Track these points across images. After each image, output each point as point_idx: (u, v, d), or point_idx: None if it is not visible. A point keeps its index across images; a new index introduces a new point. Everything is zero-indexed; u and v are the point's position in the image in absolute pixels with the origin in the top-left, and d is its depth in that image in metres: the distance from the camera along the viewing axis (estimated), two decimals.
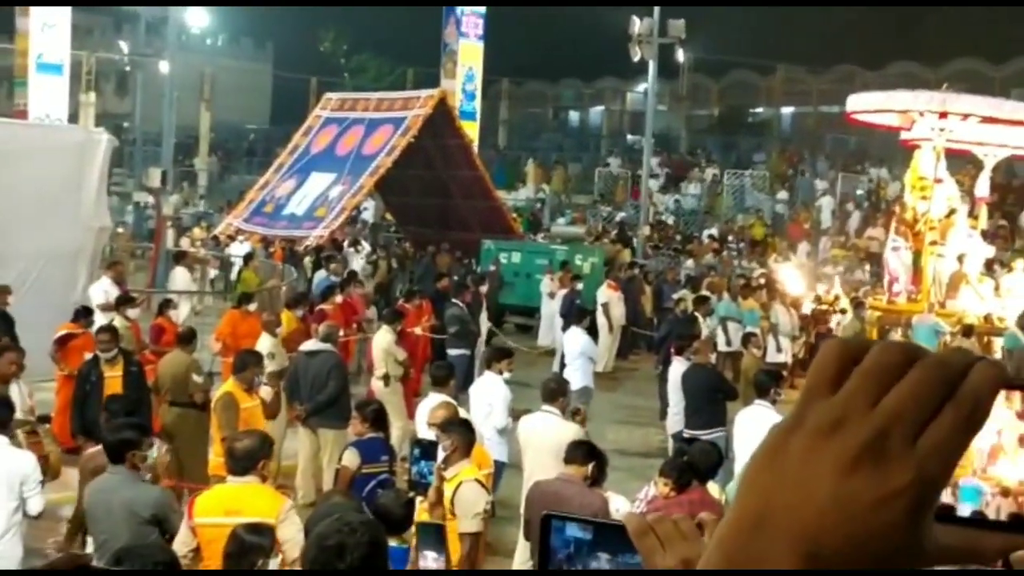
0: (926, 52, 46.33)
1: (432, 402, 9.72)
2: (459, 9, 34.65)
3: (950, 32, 48.10)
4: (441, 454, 7.05)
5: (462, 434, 7.33)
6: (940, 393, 0.81)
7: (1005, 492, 18.15)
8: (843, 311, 21.25)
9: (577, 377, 14.86)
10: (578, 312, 17.02)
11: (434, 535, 5.30)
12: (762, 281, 23.92)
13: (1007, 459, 20.26)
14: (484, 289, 20.69)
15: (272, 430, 10.64)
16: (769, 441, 0.83)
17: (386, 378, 14.04)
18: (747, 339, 17.22)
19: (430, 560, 5.32)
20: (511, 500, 10.10)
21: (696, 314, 18.83)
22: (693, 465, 7.67)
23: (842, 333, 20.14)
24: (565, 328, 17.62)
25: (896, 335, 20.87)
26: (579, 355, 15.45)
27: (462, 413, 9.07)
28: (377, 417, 8.88)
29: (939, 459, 0.80)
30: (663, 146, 49.05)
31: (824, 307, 21.77)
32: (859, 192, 38.91)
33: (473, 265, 25.73)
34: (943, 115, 19.37)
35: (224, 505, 6.59)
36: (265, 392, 10.66)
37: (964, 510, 9.69)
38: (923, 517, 0.80)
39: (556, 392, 9.94)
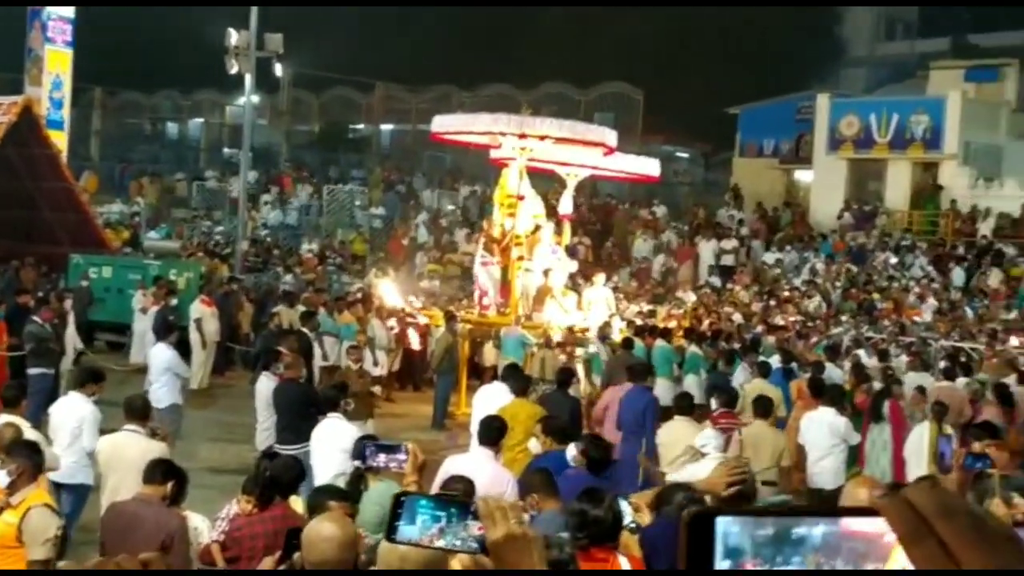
0: (519, 75, 48.29)
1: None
2: (44, 13, 33.01)
3: (541, 57, 50.36)
4: (4, 479, 6.73)
5: (29, 457, 7.01)
6: None
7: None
8: (437, 324, 21.77)
9: (164, 394, 14.49)
10: (163, 327, 16.53)
11: None
12: (359, 296, 24.19)
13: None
14: (69, 305, 19.82)
15: None
16: None
17: None
18: (350, 352, 17.35)
19: None
20: (95, 524, 9.73)
21: (304, 329, 18.74)
22: (276, 480, 7.64)
23: (435, 346, 20.69)
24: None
25: (488, 346, 21.65)
26: (165, 371, 15.06)
27: (33, 435, 8.67)
28: None
29: None
30: (264, 160, 48.67)
31: (414, 321, 22.20)
32: (450, 207, 40.02)
33: (60, 280, 24.58)
34: (523, 136, 20.27)
35: None
36: None
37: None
38: None
39: (140, 410, 9.69)
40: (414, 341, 21.55)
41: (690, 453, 11.75)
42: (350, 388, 11.76)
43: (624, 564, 5.28)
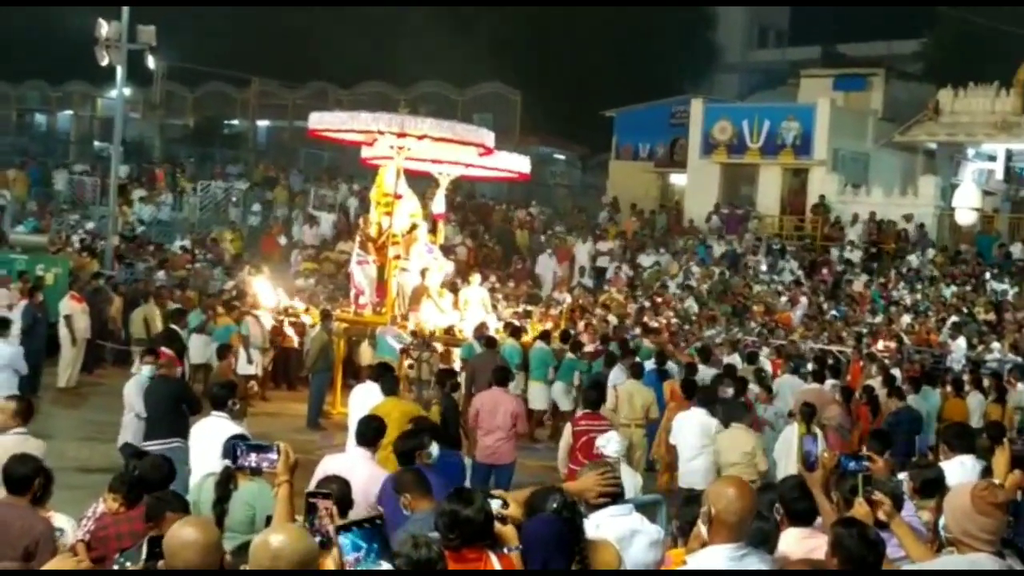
0: (397, 74, 48.11)
1: None
2: None
3: (419, 57, 50.24)
4: None
5: None
6: None
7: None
8: (312, 325, 21.58)
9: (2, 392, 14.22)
10: (1, 323, 16.11)
11: None
12: (235, 294, 23.90)
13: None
14: None
15: None
16: None
17: None
18: (224, 351, 17.11)
19: None
20: None
21: (175, 327, 18.38)
22: (144, 479, 7.52)
23: (311, 345, 20.51)
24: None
25: (364, 346, 21.51)
26: (5, 368, 14.77)
27: None
28: None
29: None
30: (136, 155, 47.77)
31: (290, 319, 21.97)
32: (329, 205, 39.70)
33: None
34: (401, 135, 20.23)
35: None
36: None
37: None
38: None
39: (24, 412, 9.43)
40: (294, 339, 21.23)
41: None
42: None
43: (495, 564, 5.30)
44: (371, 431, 9.36)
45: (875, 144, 38.71)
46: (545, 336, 20.84)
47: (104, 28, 28.13)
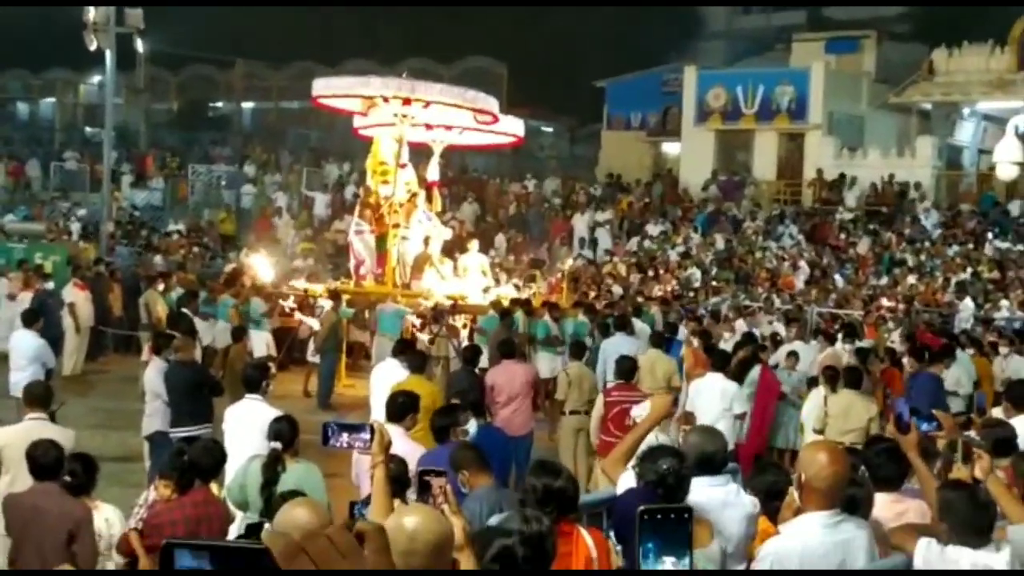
0: (381, 51, 47.79)
1: None
2: None
3: (404, 34, 49.95)
4: None
5: None
6: None
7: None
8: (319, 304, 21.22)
9: None
10: (31, 314, 15.72)
11: None
12: (231, 274, 23.62)
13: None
14: None
15: None
16: None
17: None
18: (237, 334, 16.85)
19: None
20: None
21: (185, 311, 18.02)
22: (195, 464, 7.31)
23: (322, 324, 20.10)
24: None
25: (366, 316, 21.07)
26: (33, 360, 14.38)
27: None
28: None
29: None
30: (122, 140, 47.36)
31: (300, 299, 21.58)
32: (323, 184, 39.44)
33: None
34: (407, 102, 19.87)
35: None
36: None
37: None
38: None
39: (43, 397, 9.19)
40: (311, 322, 20.63)
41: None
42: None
43: (587, 538, 5.11)
44: (401, 407, 9.14)
45: (870, 106, 38.51)
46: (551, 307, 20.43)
47: (91, 12, 27.68)
